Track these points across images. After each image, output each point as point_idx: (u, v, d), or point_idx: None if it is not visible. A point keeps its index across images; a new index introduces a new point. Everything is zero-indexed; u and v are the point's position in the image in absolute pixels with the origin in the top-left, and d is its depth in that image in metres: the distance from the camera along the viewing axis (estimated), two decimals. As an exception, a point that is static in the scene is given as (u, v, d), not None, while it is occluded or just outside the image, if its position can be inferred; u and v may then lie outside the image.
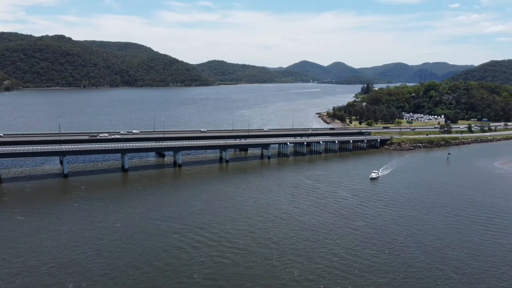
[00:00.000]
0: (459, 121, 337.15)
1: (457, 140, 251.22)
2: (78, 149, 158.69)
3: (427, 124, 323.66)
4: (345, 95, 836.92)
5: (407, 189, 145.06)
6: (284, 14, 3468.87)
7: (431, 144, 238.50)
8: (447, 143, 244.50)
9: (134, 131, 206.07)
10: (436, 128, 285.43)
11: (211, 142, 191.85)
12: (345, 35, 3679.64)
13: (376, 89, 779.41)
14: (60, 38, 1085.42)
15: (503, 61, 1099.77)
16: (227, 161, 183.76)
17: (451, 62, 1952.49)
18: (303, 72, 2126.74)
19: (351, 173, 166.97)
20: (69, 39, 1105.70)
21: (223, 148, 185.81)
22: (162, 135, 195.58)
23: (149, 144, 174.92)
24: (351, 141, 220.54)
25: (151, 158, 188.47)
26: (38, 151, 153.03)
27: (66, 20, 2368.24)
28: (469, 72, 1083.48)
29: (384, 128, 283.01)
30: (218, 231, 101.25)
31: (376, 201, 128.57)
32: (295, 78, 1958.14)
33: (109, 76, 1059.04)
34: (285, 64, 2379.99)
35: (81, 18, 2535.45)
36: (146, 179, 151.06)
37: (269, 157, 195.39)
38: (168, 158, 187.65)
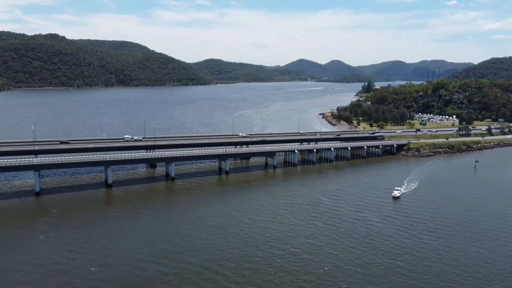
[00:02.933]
0: (474, 122, 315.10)
1: (479, 144, 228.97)
2: (53, 162, 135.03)
3: (440, 125, 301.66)
4: (346, 94, 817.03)
5: (442, 208, 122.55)
6: (279, 12, 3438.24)
7: (451, 149, 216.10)
8: (468, 148, 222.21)
9: (240, 134, 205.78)
10: (448, 130, 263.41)
11: (209, 150, 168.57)
12: (341, 33, 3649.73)
13: (378, 87, 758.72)
14: (54, 37, 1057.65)
15: (504, 58, 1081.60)
16: (227, 172, 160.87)
17: (448, 60, 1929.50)
18: (300, 71, 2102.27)
19: (371, 187, 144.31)
20: (63, 38, 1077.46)
21: (222, 157, 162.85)
22: (153, 143, 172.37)
23: (136, 154, 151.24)
24: (365, 147, 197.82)
25: (140, 169, 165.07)
26: (4, 165, 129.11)
27: (62, 20, 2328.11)
28: (470, 70, 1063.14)
29: (404, 131, 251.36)
30: (226, 274, 78.50)
31: (412, 226, 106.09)
32: (293, 77, 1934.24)
33: (103, 76, 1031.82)
34: (282, 63, 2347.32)
35: (77, 17, 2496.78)
36: (133, 198, 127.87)
37: (274, 167, 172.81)
38: (160, 168, 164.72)
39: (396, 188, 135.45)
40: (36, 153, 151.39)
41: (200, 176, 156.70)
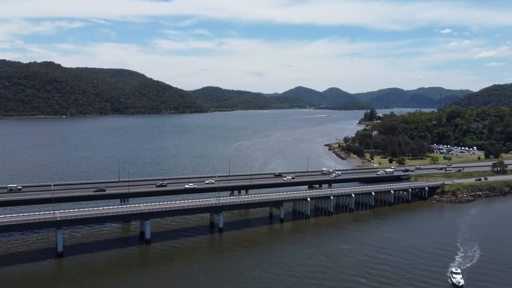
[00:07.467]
0: (503, 155, 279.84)
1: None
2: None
3: (466, 159, 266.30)
4: (347, 122, 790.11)
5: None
6: (277, 41, 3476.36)
7: (492, 192, 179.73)
8: (511, 190, 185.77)
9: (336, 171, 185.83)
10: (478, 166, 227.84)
11: (197, 200, 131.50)
12: (338, 61, 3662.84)
13: (381, 115, 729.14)
14: (49, 64, 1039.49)
15: (506, 85, 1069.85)
16: (220, 230, 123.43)
17: (445, 87, 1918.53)
18: (299, 98, 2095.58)
19: (417, 256, 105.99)
20: (58, 65, 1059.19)
21: (215, 210, 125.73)
22: (126, 190, 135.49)
23: (100, 209, 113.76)
24: (392, 191, 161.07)
25: (111, 224, 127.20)
26: None
27: (62, 49, 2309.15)
28: (472, 97, 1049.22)
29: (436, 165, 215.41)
30: None
31: None
32: (291, 104, 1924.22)
33: (98, 104, 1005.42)
34: (280, 90, 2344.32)
35: (77, 47, 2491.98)
36: (87, 278, 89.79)
37: (281, 219, 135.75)
38: (135, 223, 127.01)
39: (454, 269, 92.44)
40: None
41: (185, 236, 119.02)
